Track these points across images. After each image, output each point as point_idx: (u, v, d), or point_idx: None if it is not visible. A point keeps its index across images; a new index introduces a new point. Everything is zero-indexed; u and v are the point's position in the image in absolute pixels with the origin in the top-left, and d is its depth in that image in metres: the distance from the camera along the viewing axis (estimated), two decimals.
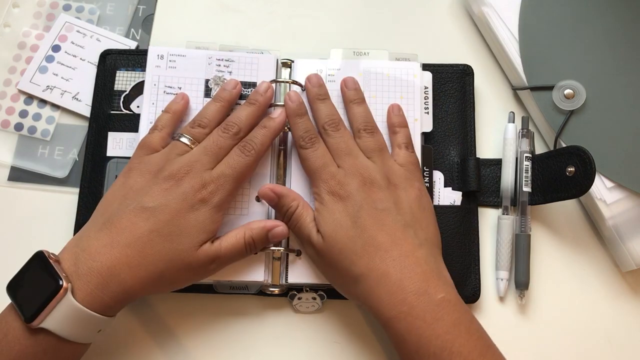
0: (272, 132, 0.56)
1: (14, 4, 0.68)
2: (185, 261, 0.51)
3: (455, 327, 0.48)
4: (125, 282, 0.49)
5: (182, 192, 0.52)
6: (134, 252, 0.50)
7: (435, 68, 0.63)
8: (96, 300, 0.48)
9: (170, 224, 0.51)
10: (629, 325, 0.59)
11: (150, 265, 0.50)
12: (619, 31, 0.62)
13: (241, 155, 0.54)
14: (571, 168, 0.57)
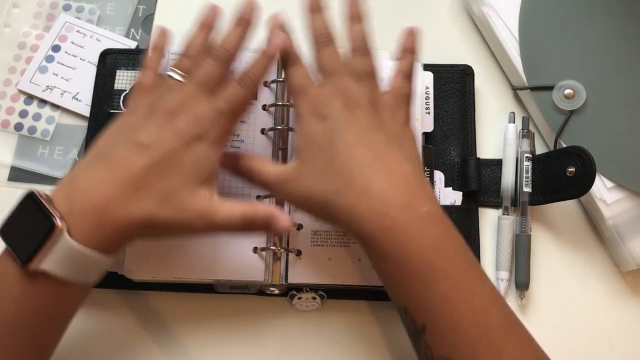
0: (269, 60, 0.53)
1: (14, 4, 0.68)
2: (178, 205, 0.47)
3: (439, 241, 0.46)
4: (120, 220, 0.46)
5: (176, 129, 0.49)
6: (127, 189, 0.47)
7: (436, 68, 0.63)
8: (92, 238, 0.45)
9: (164, 160, 0.48)
10: (629, 325, 0.60)
11: (144, 204, 0.47)
12: (619, 31, 0.62)
13: (237, 87, 0.51)
14: (571, 168, 0.57)
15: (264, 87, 0.61)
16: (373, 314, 0.59)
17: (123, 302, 0.59)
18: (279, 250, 0.57)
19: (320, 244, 0.57)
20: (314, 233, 0.58)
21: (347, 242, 0.57)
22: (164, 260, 0.56)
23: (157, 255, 0.56)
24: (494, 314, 0.45)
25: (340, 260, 0.57)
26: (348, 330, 0.59)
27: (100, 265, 0.47)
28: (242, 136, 0.59)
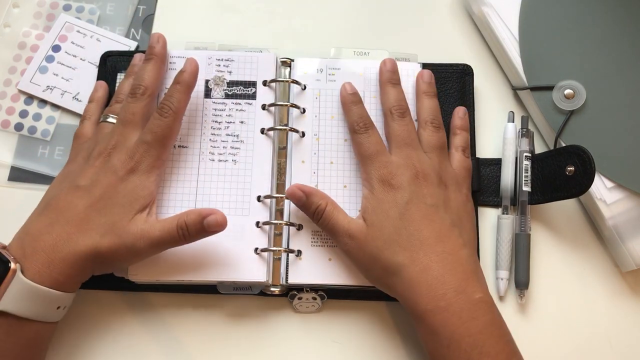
0: (186, 86, 0.56)
1: (14, 4, 0.68)
2: (117, 233, 0.51)
3: (487, 328, 0.50)
4: (68, 256, 0.50)
5: (111, 167, 0.53)
6: (72, 228, 0.51)
7: (435, 68, 0.63)
8: (45, 276, 0.49)
9: (104, 197, 0.52)
10: (629, 325, 0.59)
11: (88, 238, 0.51)
12: (619, 31, 0.62)
13: (159, 118, 0.55)
14: (571, 167, 0.57)
15: (264, 87, 0.61)
16: (373, 314, 0.59)
17: (125, 303, 0.59)
18: (279, 251, 0.57)
19: (320, 244, 0.57)
20: (314, 233, 0.58)
21: None
22: (168, 263, 0.56)
23: (161, 258, 0.56)
24: None
25: (341, 261, 0.57)
26: (348, 330, 0.59)
27: (59, 302, 0.51)
28: (242, 136, 0.59)
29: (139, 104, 0.56)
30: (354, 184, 0.59)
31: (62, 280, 0.50)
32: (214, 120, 0.60)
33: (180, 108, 0.56)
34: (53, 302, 0.50)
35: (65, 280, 0.50)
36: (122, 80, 0.61)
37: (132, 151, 0.54)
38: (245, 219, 0.57)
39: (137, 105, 0.56)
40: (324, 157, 0.59)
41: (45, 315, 0.51)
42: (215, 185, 0.58)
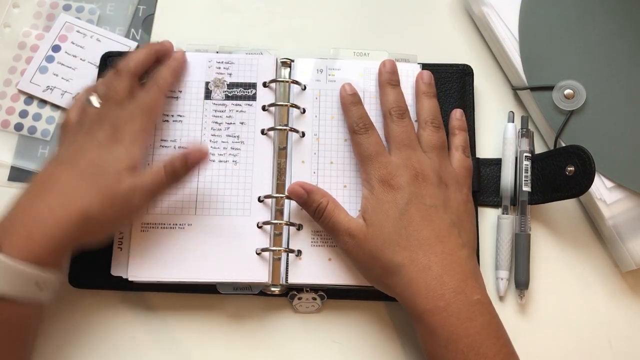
0: (172, 68, 0.59)
1: (14, 4, 0.68)
2: (108, 193, 0.51)
3: (485, 329, 0.50)
4: (49, 228, 0.48)
5: (95, 139, 0.53)
6: (54, 198, 0.50)
7: (435, 68, 0.63)
8: (24, 251, 0.47)
9: (90, 166, 0.52)
10: (629, 325, 0.60)
11: (72, 206, 0.49)
12: (618, 31, 0.62)
13: (143, 91, 0.56)
14: (571, 167, 0.57)
15: (264, 88, 0.61)
16: (373, 314, 0.59)
17: (125, 303, 0.59)
18: (279, 251, 0.57)
19: (320, 244, 0.57)
20: (314, 233, 0.58)
21: None
22: (167, 263, 0.56)
23: (160, 258, 0.56)
24: None
25: (341, 261, 0.57)
26: (348, 330, 0.59)
27: (41, 280, 0.48)
28: (242, 137, 0.60)
29: (122, 81, 0.56)
30: (353, 183, 0.59)
31: (41, 255, 0.48)
32: (214, 121, 0.60)
33: (165, 85, 0.57)
34: (31, 279, 0.48)
35: (45, 254, 0.48)
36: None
37: (115, 121, 0.54)
38: (246, 220, 0.57)
39: (120, 82, 0.56)
40: (324, 157, 0.60)
41: (25, 295, 0.48)
42: (216, 186, 0.58)
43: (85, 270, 0.58)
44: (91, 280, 0.58)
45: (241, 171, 0.59)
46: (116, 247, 0.57)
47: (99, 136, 0.53)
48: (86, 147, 0.53)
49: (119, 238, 0.57)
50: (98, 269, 0.58)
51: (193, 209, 0.58)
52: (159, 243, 0.56)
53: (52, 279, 0.50)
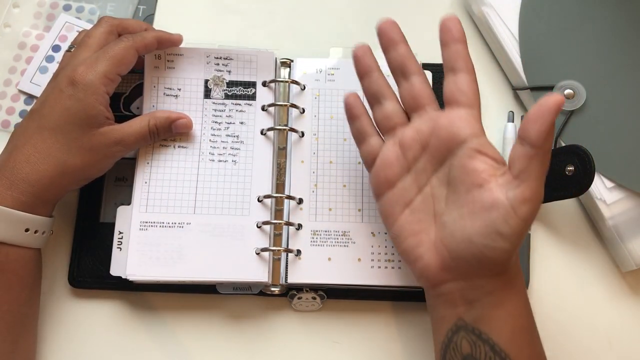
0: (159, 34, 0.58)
1: (14, 4, 0.68)
2: (88, 148, 0.53)
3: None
4: (28, 176, 0.51)
5: (57, 83, 0.54)
6: (30, 149, 0.52)
7: (435, 68, 0.63)
8: (8, 198, 0.50)
9: (53, 114, 0.53)
10: (629, 325, 0.59)
11: (49, 157, 0.52)
12: (619, 31, 0.62)
13: (118, 41, 0.56)
14: (571, 167, 0.57)
15: (263, 87, 0.61)
16: (373, 314, 0.59)
17: (125, 303, 0.59)
18: (279, 251, 0.57)
19: (319, 244, 0.57)
20: (314, 233, 0.58)
21: (347, 242, 0.57)
22: (166, 262, 0.56)
23: (159, 257, 0.56)
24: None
25: (340, 260, 0.57)
26: (348, 330, 0.59)
27: (27, 224, 0.51)
28: (242, 137, 0.60)
29: (99, 29, 0.56)
30: (353, 183, 0.59)
31: (25, 201, 0.51)
32: (213, 120, 0.60)
33: (140, 42, 0.56)
34: (19, 223, 0.51)
35: (29, 200, 0.51)
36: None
37: (78, 64, 0.54)
38: (246, 219, 0.57)
39: (97, 30, 0.56)
40: (323, 157, 0.60)
41: (13, 238, 0.51)
42: (215, 185, 0.58)
43: (84, 270, 0.58)
44: (91, 280, 0.58)
45: (240, 171, 0.59)
46: (115, 247, 0.57)
47: (60, 79, 0.53)
48: (51, 96, 0.53)
49: (119, 238, 0.57)
50: (97, 269, 0.58)
51: (192, 207, 0.58)
52: (157, 242, 0.56)
53: (42, 222, 0.53)
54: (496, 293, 0.46)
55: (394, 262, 0.57)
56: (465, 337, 0.47)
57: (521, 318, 0.47)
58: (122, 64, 0.55)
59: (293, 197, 0.58)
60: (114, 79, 0.55)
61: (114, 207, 0.58)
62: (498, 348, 0.45)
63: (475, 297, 0.46)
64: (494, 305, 0.46)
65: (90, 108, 0.53)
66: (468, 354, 0.46)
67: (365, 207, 0.58)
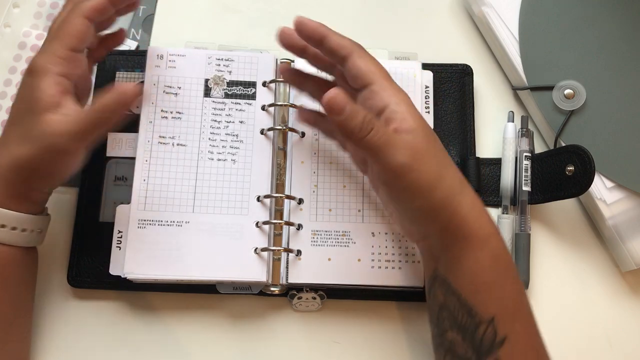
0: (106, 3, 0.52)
1: (14, 4, 0.68)
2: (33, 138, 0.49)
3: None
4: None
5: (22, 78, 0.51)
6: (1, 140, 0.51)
7: (435, 68, 0.63)
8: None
9: (13, 107, 0.51)
10: (629, 325, 0.59)
11: (5, 149, 0.50)
12: (619, 31, 0.62)
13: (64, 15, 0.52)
14: (571, 167, 0.57)
15: (263, 87, 0.61)
16: (373, 314, 0.59)
17: (124, 303, 0.59)
18: (279, 251, 0.57)
19: (320, 244, 0.57)
20: (314, 233, 0.58)
21: (347, 242, 0.57)
22: (164, 261, 0.56)
23: (157, 255, 0.56)
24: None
25: (340, 261, 0.57)
26: (348, 330, 0.59)
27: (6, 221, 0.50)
28: (242, 136, 0.60)
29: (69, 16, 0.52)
30: (353, 183, 0.59)
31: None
32: (213, 119, 0.60)
33: (84, 8, 0.51)
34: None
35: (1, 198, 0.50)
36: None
37: (36, 54, 0.51)
38: (245, 219, 0.57)
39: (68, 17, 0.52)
40: (323, 157, 0.60)
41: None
42: (214, 184, 0.58)
43: (84, 269, 0.58)
44: (90, 280, 0.58)
45: (239, 170, 0.59)
46: (115, 247, 0.57)
47: (25, 73, 0.51)
48: (19, 88, 0.52)
49: (118, 237, 0.57)
50: (97, 269, 0.58)
51: (191, 206, 0.58)
52: (155, 240, 0.56)
53: (19, 219, 0.51)
54: (451, 249, 0.48)
55: (394, 262, 0.57)
56: (439, 287, 0.49)
57: (484, 275, 0.47)
58: (72, 37, 0.51)
59: (293, 197, 0.58)
60: (66, 57, 0.50)
61: (114, 206, 0.58)
62: (463, 300, 0.47)
63: (437, 253, 0.50)
64: (455, 260, 0.48)
65: (36, 90, 0.49)
66: (442, 303, 0.49)
67: (366, 208, 0.58)
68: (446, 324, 0.48)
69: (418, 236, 0.52)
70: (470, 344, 0.46)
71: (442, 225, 0.48)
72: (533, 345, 0.47)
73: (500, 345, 0.45)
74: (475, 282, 0.47)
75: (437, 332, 0.50)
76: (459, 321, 0.47)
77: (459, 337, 0.47)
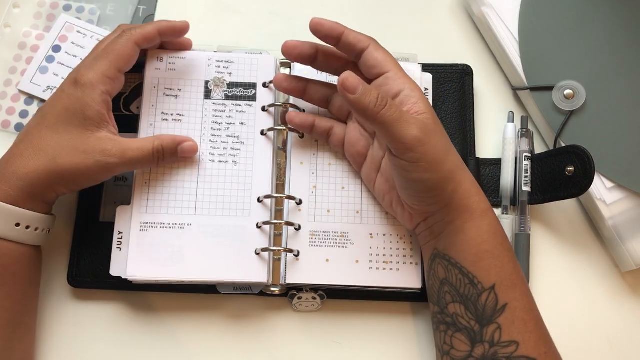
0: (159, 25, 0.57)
1: (15, 4, 0.68)
2: (80, 150, 0.52)
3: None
4: (18, 170, 0.51)
5: (61, 89, 0.54)
6: (25, 145, 0.53)
7: (435, 68, 0.63)
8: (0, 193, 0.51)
9: (52, 113, 0.53)
10: (629, 325, 0.60)
11: (40, 153, 0.52)
12: (618, 31, 0.62)
13: (115, 37, 0.56)
14: (570, 167, 0.57)
15: (264, 88, 0.61)
16: (373, 314, 0.59)
17: (125, 303, 0.59)
18: (279, 251, 0.57)
19: (318, 245, 0.57)
20: (312, 234, 0.58)
21: (345, 243, 0.57)
22: (166, 263, 0.56)
23: (160, 257, 0.56)
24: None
25: (338, 261, 0.57)
26: (348, 330, 0.59)
27: (17, 219, 0.51)
28: (242, 138, 0.60)
29: (111, 35, 0.56)
30: (352, 185, 0.59)
31: (13, 194, 0.51)
32: (214, 121, 0.60)
33: (138, 35, 0.55)
34: (8, 217, 0.51)
35: (19, 194, 0.51)
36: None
37: (82, 67, 0.54)
38: (246, 220, 0.57)
39: (109, 36, 0.57)
40: (322, 158, 0.60)
41: (2, 232, 0.51)
42: (216, 186, 0.58)
43: (84, 270, 0.58)
44: (90, 280, 0.58)
45: (241, 171, 0.59)
46: (115, 248, 0.57)
47: (64, 84, 0.54)
48: (53, 97, 0.54)
49: (118, 238, 0.57)
50: (97, 269, 0.58)
51: (193, 209, 0.58)
52: (158, 243, 0.56)
53: (33, 218, 0.52)
54: (455, 222, 0.51)
55: (392, 263, 0.57)
56: (440, 263, 0.52)
57: (484, 244, 0.51)
58: (121, 59, 0.55)
59: (293, 198, 0.58)
60: (113, 77, 0.54)
61: (114, 206, 0.58)
62: (465, 270, 0.50)
63: (440, 229, 0.52)
64: (455, 232, 0.51)
65: (87, 107, 0.53)
66: (444, 278, 0.52)
67: (364, 209, 0.59)
68: (448, 298, 0.51)
69: (421, 214, 0.54)
70: (473, 314, 0.50)
71: (447, 197, 0.51)
72: (531, 312, 0.50)
73: (501, 312, 0.49)
74: (477, 251, 0.50)
75: (439, 310, 0.52)
76: (461, 292, 0.50)
77: (461, 308, 0.50)
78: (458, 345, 0.50)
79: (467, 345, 0.49)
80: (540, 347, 0.49)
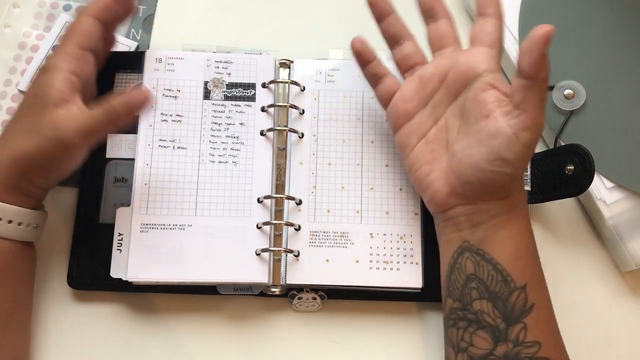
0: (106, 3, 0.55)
1: (14, 4, 0.68)
2: (38, 130, 0.51)
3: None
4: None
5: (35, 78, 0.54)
6: (4, 134, 0.52)
7: None
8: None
9: (23, 104, 0.53)
10: (629, 325, 0.60)
11: (7, 143, 0.51)
12: (619, 31, 0.62)
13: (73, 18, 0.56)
14: (570, 166, 0.57)
15: (263, 88, 0.61)
16: (373, 314, 0.59)
17: (125, 304, 0.59)
18: (279, 251, 0.57)
19: (318, 245, 0.57)
20: (312, 234, 0.58)
21: (345, 243, 0.57)
22: (167, 264, 0.56)
23: (160, 259, 0.56)
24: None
25: (339, 262, 0.57)
26: (348, 330, 0.59)
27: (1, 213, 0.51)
28: (242, 138, 0.60)
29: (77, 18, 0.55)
30: (352, 184, 0.59)
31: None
32: (213, 122, 0.60)
33: (91, 9, 0.54)
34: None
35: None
36: None
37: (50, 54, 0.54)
38: (246, 221, 0.57)
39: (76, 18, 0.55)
40: (322, 158, 0.60)
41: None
42: (216, 187, 0.58)
43: (84, 271, 0.58)
44: (90, 282, 0.58)
45: (241, 172, 0.59)
46: (115, 249, 0.57)
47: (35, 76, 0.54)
48: (30, 86, 0.54)
49: (119, 239, 0.57)
50: (97, 271, 0.58)
51: (193, 209, 0.58)
52: (158, 244, 0.56)
53: (15, 212, 0.51)
54: (500, 216, 0.50)
55: (392, 263, 0.57)
56: (469, 257, 0.51)
57: (523, 242, 0.51)
58: (80, 35, 0.53)
59: (293, 198, 0.58)
60: (77, 55, 0.53)
61: (114, 207, 0.58)
62: (500, 267, 0.49)
63: (481, 220, 0.50)
64: (497, 227, 0.50)
65: (49, 87, 0.51)
66: (472, 274, 0.50)
67: (364, 209, 0.59)
68: (474, 294, 0.50)
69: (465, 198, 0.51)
70: (501, 312, 0.49)
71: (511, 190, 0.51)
72: (552, 313, 0.51)
73: (528, 312, 0.49)
74: (516, 249, 0.50)
75: (460, 306, 0.51)
76: (491, 289, 0.49)
77: (489, 305, 0.49)
78: (479, 342, 0.49)
79: (488, 343, 0.49)
80: (557, 348, 0.50)
